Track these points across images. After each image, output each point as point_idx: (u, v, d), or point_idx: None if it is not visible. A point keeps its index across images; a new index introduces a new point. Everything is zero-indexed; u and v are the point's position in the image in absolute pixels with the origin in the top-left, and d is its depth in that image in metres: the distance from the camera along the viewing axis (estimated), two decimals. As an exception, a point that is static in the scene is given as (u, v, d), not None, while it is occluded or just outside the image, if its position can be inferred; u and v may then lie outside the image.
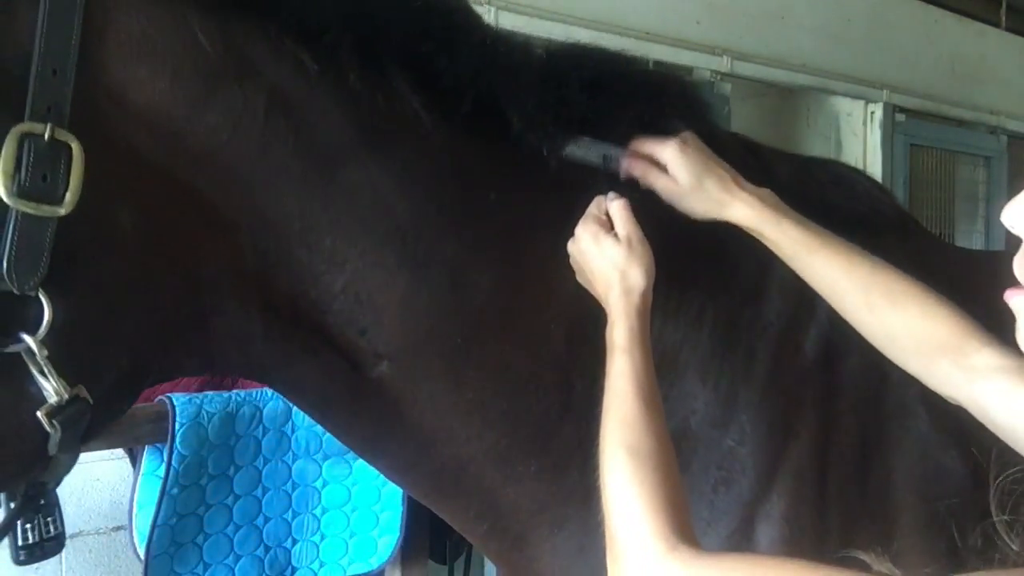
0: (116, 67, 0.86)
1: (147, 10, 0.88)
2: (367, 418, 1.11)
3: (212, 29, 0.90)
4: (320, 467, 1.77)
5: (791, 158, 1.46)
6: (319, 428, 1.76)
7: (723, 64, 3.37)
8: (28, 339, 0.81)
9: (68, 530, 1.25)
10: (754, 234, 1.10)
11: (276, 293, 0.99)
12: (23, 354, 0.81)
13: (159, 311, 0.92)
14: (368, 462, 1.25)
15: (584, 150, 1.13)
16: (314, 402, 1.13)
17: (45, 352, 0.81)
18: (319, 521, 1.78)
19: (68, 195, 0.81)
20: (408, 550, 1.91)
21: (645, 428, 0.91)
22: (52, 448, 0.86)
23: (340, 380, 1.06)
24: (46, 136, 0.80)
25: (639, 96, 1.16)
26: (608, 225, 1.05)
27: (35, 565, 1.02)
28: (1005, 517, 0.75)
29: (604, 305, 1.04)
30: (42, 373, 0.82)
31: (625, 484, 0.88)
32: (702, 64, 3.34)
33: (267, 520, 1.73)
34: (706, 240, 1.18)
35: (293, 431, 1.75)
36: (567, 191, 1.10)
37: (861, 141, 4.03)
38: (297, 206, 0.97)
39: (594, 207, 1.07)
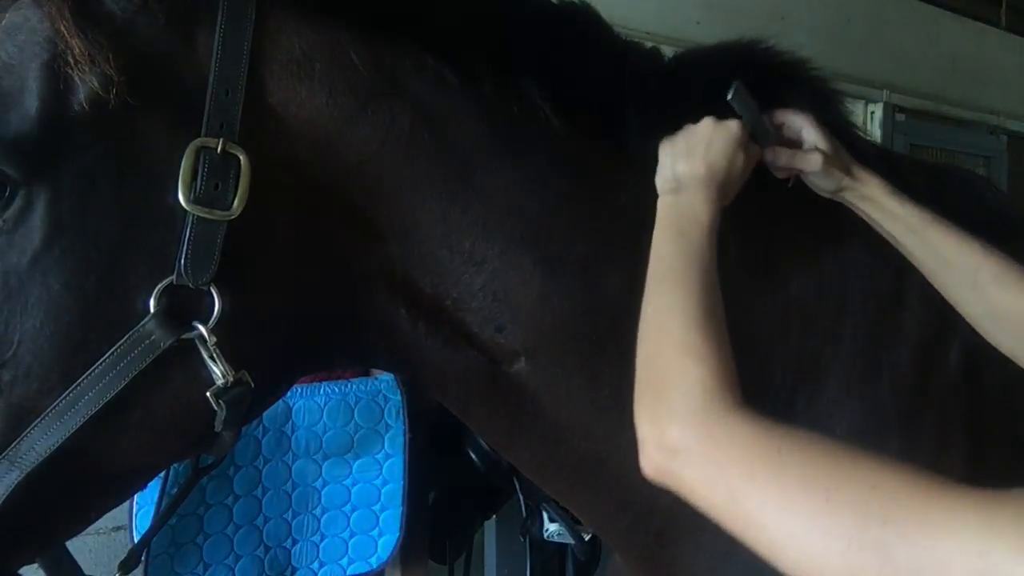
0: (279, 87, 0.96)
1: (306, 35, 0.97)
2: (506, 412, 1.16)
3: (363, 50, 0.99)
4: (320, 467, 1.77)
5: (922, 166, 1.48)
6: (319, 428, 1.76)
7: (723, 64, 3.36)
8: (201, 328, 0.92)
9: (68, 530, 1.24)
10: (874, 209, 1.12)
11: (420, 292, 1.07)
12: (196, 341, 0.92)
13: (314, 306, 1.02)
14: (506, 456, 1.29)
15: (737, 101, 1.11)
16: (456, 396, 1.18)
17: (215, 340, 0.92)
18: (319, 521, 1.78)
19: (236, 202, 0.92)
20: (408, 550, 1.91)
21: (716, 300, 0.90)
22: (218, 425, 0.97)
23: (480, 375, 1.12)
24: (218, 149, 0.91)
25: (767, 99, 1.17)
26: None
27: (35, 565, 1.03)
28: None
29: (684, 178, 1.03)
30: (212, 358, 0.93)
31: (689, 329, 0.84)
32: (702, 64, 3.33)
33: (267, 520, 1.73)
34: (838, 247, 1.20)
35: (293, 431, 1.75)
36: None
37: (861, 141, 4.02)
38: (439, 210, 1.04)
39: None
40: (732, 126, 1.06)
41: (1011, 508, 0.59)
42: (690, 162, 1.04)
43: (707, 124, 1.06)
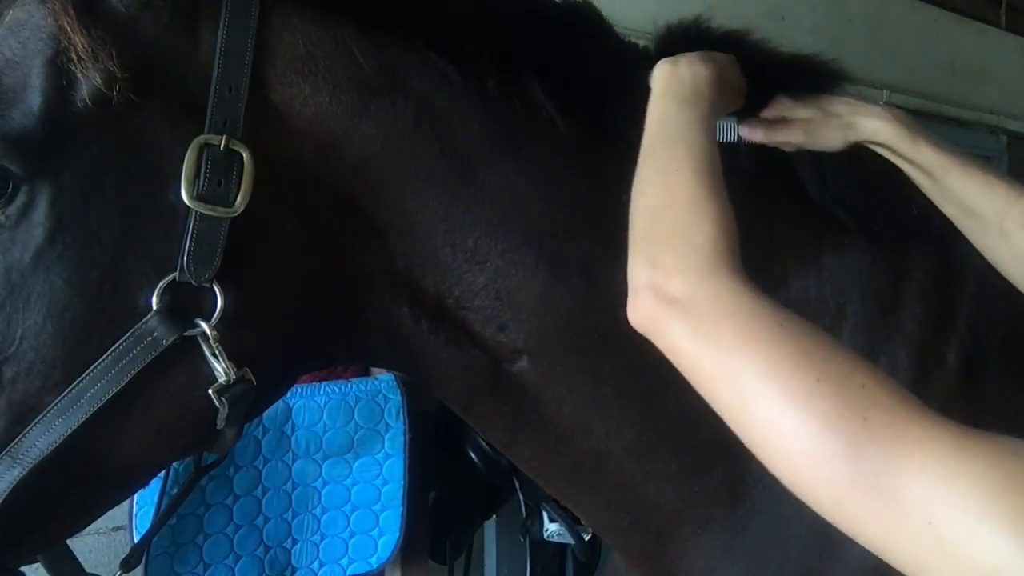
0: (282, 84, 0.96)
1: (310, 32, 0.97)
2: (508, 411, 1.15)
3: (366, 47, 0.99)
4: (320, 467, 1.77)
5: None
6: (319, 428, 1.76)
7: (723, 64, 3.36)
8: (203, 324, 0.92)
9: (68, 530, 1.24)
10: (888, 153, 1.08)
11: (423, 290, 1.07)
12: (198, 338, 0.92)
13: (316, 304, 1.02)
14: (507, 455, 1.29)
15: None
16: (458, 394, 1.17)
17: (217, 336, 0.92)
18: (319, 521, 1.78)
19: (239, 199, 0.92)
20: (408, 550, 1.91)
21: (720, 169, 0.87)
22: (220, 422, 0.97)
23: (482, 374, 1.11)
24: (222, 146, 0.91)
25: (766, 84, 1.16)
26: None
27: (35, 565, 1.03)
28: None
29: (684, 56, 1.00)
30: (214, 355, 0.92)
31: (700, 186, 0.82)
32: (702, 64, 3.33)
33: (267, 520, 1.73)
34: (837, 247, 1.19)
35: (293, 431, 1.75)
36: None
37: (861, 141, 4.01)
38: (442, 208, 1.04)
39: None
40: (741, 79, 1.06)
41: (983, 447, 0.58)
42: (697, 57, 1.01)
43: (727, 57, 1.05)
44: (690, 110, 0.92)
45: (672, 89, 0.96)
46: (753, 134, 1.13)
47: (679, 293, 0.75)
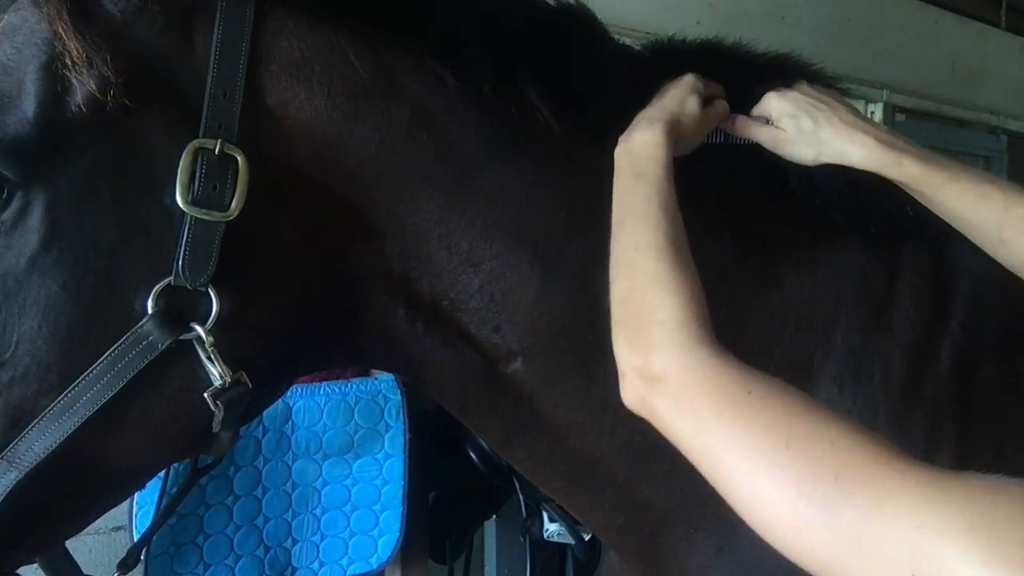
0: (277, 88, 0.96)
1: (305, 36, 0.97)
2: (503, 412, 1.16)
3: (362, 51, 0.99)
4: (320, 467, 1.77)
5: None
6: (319, 428, 1.76)
7: (723, 64, 3.36)
8: (199, 328, 0.92)
9: (68, 530, 1.24)
10: (882, 174, 1.10)
11: (418, 292, 1.07)
12: (194, 342, 0.92)
13: (312, 307, 1.02)
14: (503, 455, 1.29)
15: None
16: (453, 395, 1.17)
17: (212, 340, 0.92)
18: (319, 521, 1.78)
19: (234, 203, 0.92)
20: (408, 550, 1.92)
21: (681, 233, 0.91)
22: (216, 426, 0.97)
23: (477, 375, 1.12)
24: (216, 150, 0.91)
25: (748, 87, 1.18)
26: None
27: (34, 565, 1.03)
28: None
29: (634, 122, 1.04)
30: (209, 359, 0.92)
31: (659, 262, 0.86)
32: (702, 64, 3.33)
33: (267, 520, 1.73)
34: (832, 247, 1.19)
35: (293, 431, 1.75)
36: (692, 195, 1.12)
37: (861, 141, 4.01)
38: (437, 212, 1.04)
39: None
40: (686, 77, 1.09)
41: (957, 489, 0.60)
42: (644, 123, 1.05)
43: (682, 92, 1.09)
44: (645, 184, 0.96)
45: (624, 166, 1.00)
46: (734, 128, 1.15)
47: (658, 371, 0.79)
